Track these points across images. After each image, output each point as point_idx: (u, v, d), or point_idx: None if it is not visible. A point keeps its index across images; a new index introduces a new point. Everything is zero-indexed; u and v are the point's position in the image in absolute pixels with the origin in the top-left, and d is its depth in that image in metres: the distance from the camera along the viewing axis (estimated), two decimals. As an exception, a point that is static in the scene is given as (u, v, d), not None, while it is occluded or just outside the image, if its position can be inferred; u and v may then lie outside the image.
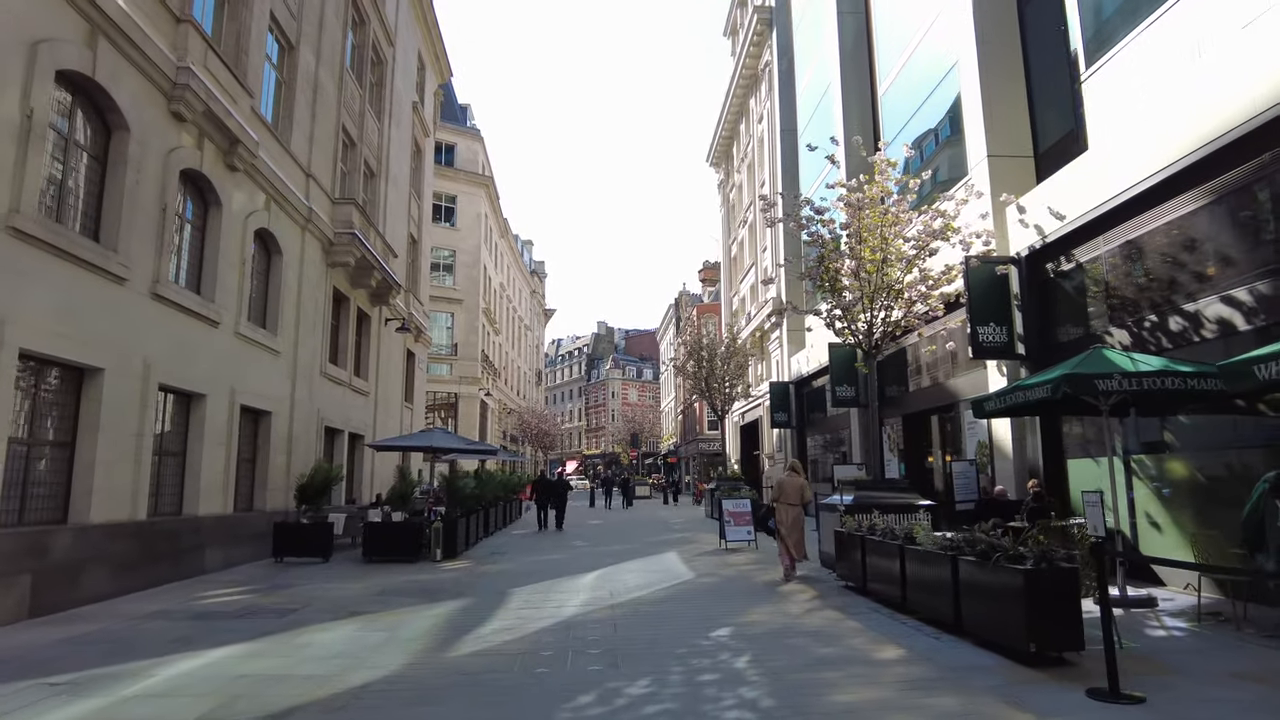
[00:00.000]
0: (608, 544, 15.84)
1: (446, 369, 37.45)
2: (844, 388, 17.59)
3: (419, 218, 26.91)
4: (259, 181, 13.12)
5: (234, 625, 7.38)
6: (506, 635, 6.88)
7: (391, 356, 22.53)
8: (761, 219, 29.34)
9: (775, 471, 25.92)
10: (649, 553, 13.85)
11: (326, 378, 16.74)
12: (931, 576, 6.82)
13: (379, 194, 21.19)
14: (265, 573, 11.47)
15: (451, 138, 39.95)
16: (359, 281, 18.50)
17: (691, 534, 17.92)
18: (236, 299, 12.41)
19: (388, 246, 20.21)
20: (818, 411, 23.25)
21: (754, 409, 29.95)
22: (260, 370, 13.41)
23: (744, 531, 13.87)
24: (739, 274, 34.65)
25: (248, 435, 13.47)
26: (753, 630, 6.88)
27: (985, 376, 12.28)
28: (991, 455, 12.18)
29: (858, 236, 11.41)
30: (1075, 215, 9.93)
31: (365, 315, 20.12)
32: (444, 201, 38.81)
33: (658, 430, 66.58)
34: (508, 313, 51.42)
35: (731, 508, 14.05)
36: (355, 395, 19.02)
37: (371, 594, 9.43)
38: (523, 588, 9.74)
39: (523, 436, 51.35)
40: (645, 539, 16.88)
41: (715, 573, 10.93)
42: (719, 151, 37.76)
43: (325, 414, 16.61)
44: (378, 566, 12.25)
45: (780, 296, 25.59)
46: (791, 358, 24.46)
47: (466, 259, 38.91)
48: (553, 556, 13.62)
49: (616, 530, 19.89)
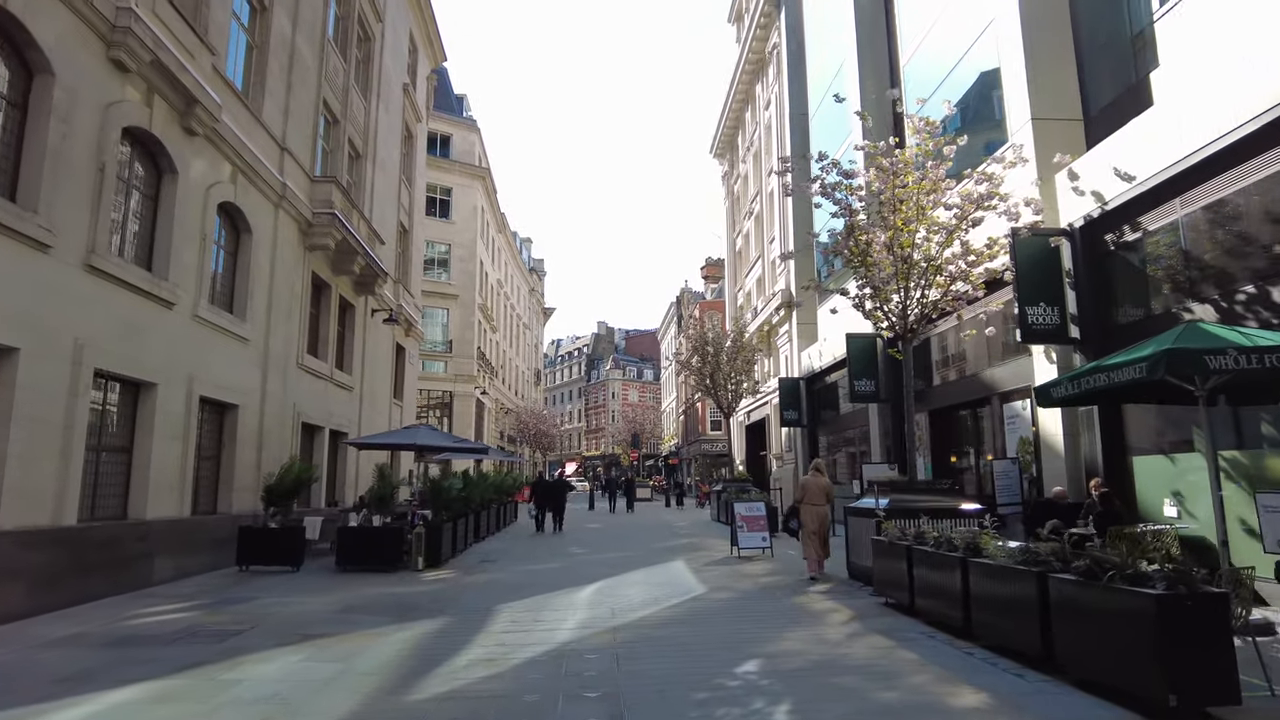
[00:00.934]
0: (608, 550, 14.56)
1: (441, 367, 36.19)
2: (863, 382, 16.30)
3: (410, 206, 25.66)
4: (223, 150, 11.85)
5: (156, 654, 6.09)
6: (484, 669, 5.60)
7: (379, 350, 21.26)
8: (765, 210, 28.11)
9: (784, 473, 24.63)
10: (653, 561, 12.56)
11: (304, 370, 15.47)
12: (1006, 596, 5.54)
13: (365, 177, 19.94)
14: (222, 584, 10.18)
15: (447, 128, 38.70)
16: (341, 267, 17.24)
17: (698, 539, 16.63)
18: (196, 278, 11.14)
19: (373, 232, 18.96)
20: (830, 409, 21.97)
21: (760, 407, 28.67)
22: (225, 358, 12.13)
23: (758, 538, 12.58)
24: (744, 268, 33.40)
25: (211, 430, 12.21)
26: (788, 664, 5.60)
27: (1030, 365, 11.00)
28: (1038, 453, 10.90)
29: (892, 204, 10.12)
30: (1146, 176, 8.66)
31: (349, 305, 18.86)
32: (439, 194, 37.58)
33: (658, 431, 65.29)
34: (505, 310, 50.16)
35: (744, 512, 12.76)
36: (337, 390, 17.74)
37: (335, 611, 8.15)
38: (510, 604, 8.45)
39: (520, 437, 50.06)
40: (648, 545, 15.60)
41: (730, 586, 9.64)
42: (723, 142, 36.51)
43: (302, 408, 15.33)
44: (352, 577, 10.97)
45: (789, 288, 24.35)
46: (802, 352, 23.18)
47: (462, 253, 37.66)
48: (547, 565, 12.33)
49: (617, 535, 18.61)
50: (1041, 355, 10.70)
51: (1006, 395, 12.05)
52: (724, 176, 37.41)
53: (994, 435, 12.96)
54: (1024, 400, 11.48)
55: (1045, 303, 9.96)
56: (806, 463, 22.82)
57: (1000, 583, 5.63)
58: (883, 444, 16.71)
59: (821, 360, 20.87)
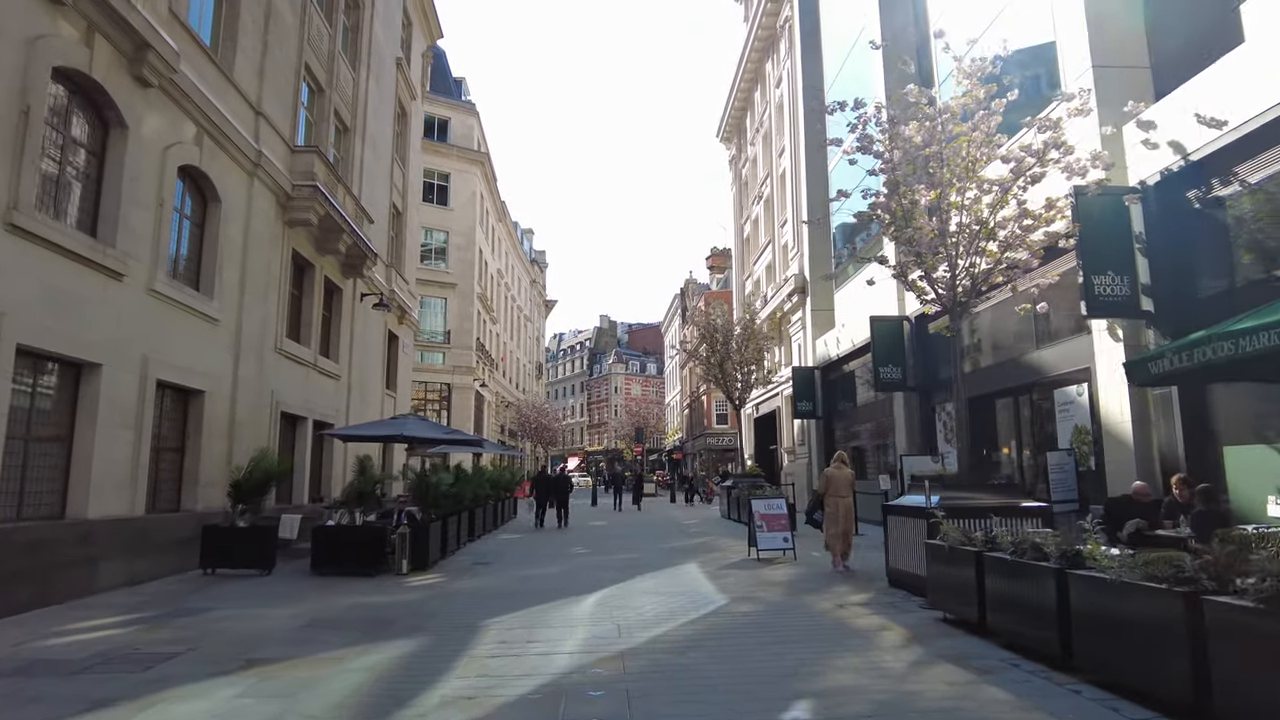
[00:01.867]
0: (612, 551, 13.37)
1: (439, 358, 35.01)
2: (890, 369, 15.07)
3: (404, 188, 24.43)
4: (185, 107, 10.63)
5: (53, 689, 4.90)
6: (460, 713, 4.40)
7: (369, 338, 20.06)
8: (776, 192, 26.85)
9: (797, 467, 23.43)
10: (663, 564, 11.36)
11: (283, 355, 14.27)
12: (1129, 622, 4.33)
13: (353, 152, 18.70)
14: (178, 592, 9.00)
15: (445, 112, 37.43)
16: (326, 246, 16.02)
17: (710, 538, 15.43)
18: (152, 248, 9.93)
19: (361, 210, 17.73)
20: (847, 400, 20.75)
21: (770, 399, 27.45)
22: (189, 339, 10.94)
23: (779, 539, 11.36)
24: (753, 255, 32.14)
25: (174, 419, 11.03)
26: (847, 708, 4.38)
27: (1087, 345, 9.76)
28: (1098, 443, 9.66)
29: (938, 159, 8.85)
30: (1241, 121, 7.41)
31: (336, 288, 17.65)
32: (436, 179, 36.31)
33: (662, 425, 64.07)
34: (506, 301, 48.95)
35: (763, 510, 11.55)
36: (322, 378, 16.55)
37: (297, 626, 6.96)
38: (501, 618, 7.25)
39: (521, 431, 48.91)
40: (656, 545, 14.40)
41: (755, 595, 8.42)
42: (730, 125, 35.20)
43: (282, 397, 14.14)
44: (327, 582, 9.79)
45: (802, 272, 23.11)
46: (816, 340, 21.94)
47: (460, 241, 36.43)
48: (546, 569, 11.13)
49: (622, 533, 17.41)
50: (1104, 332, 9.45)
51: (1057, 380, 10.81)
52: (731, 161, 36.12)
53: (1037, 425, 11.74)
54: (1079, 385, 10.24)
55: (1113, 271, 8.72)
56: (822, 457, 21.63)
57: (1118, 603, 4.41)
58: (911, 436, 15.48)
59: (839, 348, 19.63)
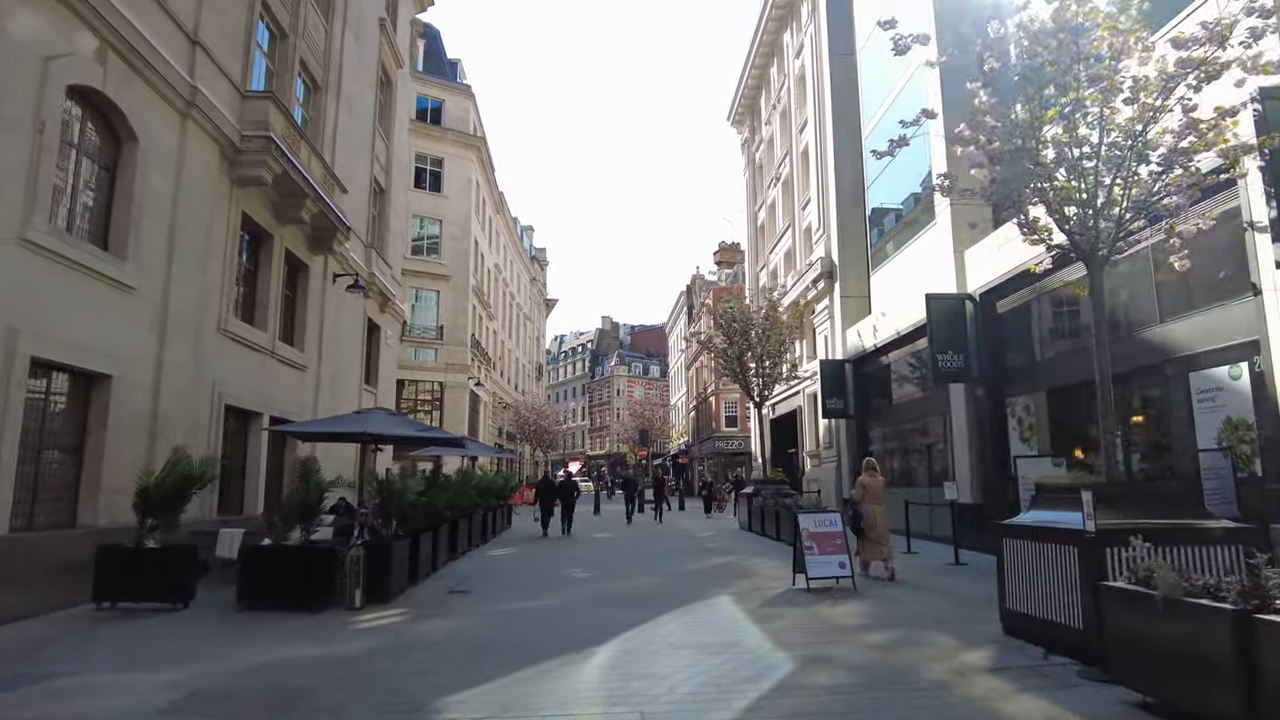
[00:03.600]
0: (622, 574, 11.02)
1: (431, 354, 32.72)
2: (950, 356, 12.72)
3: (388, 163, 22.16)
4: (78, 11, 8.35)
5: None
6: None
7: (345, 326, 17.76)
8: (798, 171, 24.53)
9: (823, 472, 21.06)
10: (689, 595, 9.00)
11: (230, 338, 11.99)
12: None
13: (324, 112, 16.42)
14: (39, 638, 6.67)
15: (439, 93, 35.23)
16: (287, 214, 13.73)
17: (736, 557, 13.08)
18: (25, 185, 7.62)
19: (332, 177, 15.45)
20: (882, 397, 18.40)
21: (790, 398, 25.08)
22: (89, 309, 8.64)
23: (834, 563, 9.01)
24: (769, 242, 29.83)
25: (69, 410, 8.72)
26: None
27: (1251, 312, 7.41)
28: (1270, 440, 7.30)
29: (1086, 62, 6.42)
30: None
31: (301, 265, 15.37)
32: (429, 165, 34.12)
33: (666, 429, 61.68)
34: (504, 298, 46.68)
35: (813, 527, 9.18)
36: (283, 368, 14.24)
37: (157, 711, 4.62)
38: (467, 693, 4.92)
39: (520, 434, 46.54)
40: (674, 565, 12.04)
41: (828, 654, 6.04)
42: (743, 106, 32.92)
43: (228, 388, 11.84)
44: (252, 622, 7.45)
45: (829, 255, 20.79)
46: (847, 330, 19.60)
47: (455, 230, 34.16)
48: (539, 601, 8.78)
49: (631, 549, 15.05)
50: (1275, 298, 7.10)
51: (1196, 359, 8.46)
52: (744, 144, 33.82)
53: (1160, 417, 9.38)
54: (1234, 365, 7.89)
55: (1314, 206, 6.38)
56: (853, 460, 19.25)
57: None
58: (973, 436, 13.10)
59: (875, 337, 17.28)
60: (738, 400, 45.45)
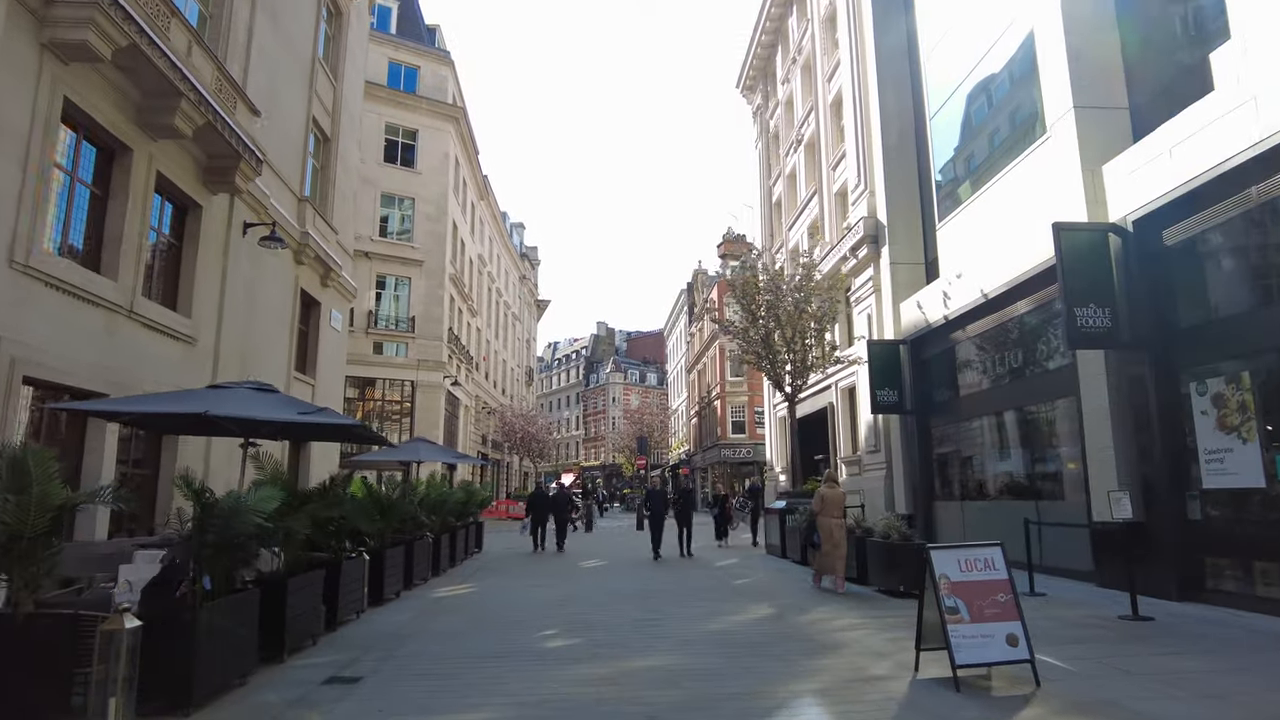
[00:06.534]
0: (622, 643, 7.02)
1: (401, 349, 28.77)
2: (1091, 311, 8.83)
3: (335, 108, 18.31)
4: None
5: None
6: None
7: (263, 294, 13.83)
8: (827, 124, 20.76)
9: (868, 482, 17.11)
10: (746, 702, 5.02)
11: (40, 279, 8.04)
12: None
13: (231, 12, 12.53)
14: None
15: (413, 59, 31.50)
16: (156, 121, 9.82)
17: (784, 602, 9.11)
18: None
19: (232, 85, 11.55)
20: (947, 387, 14.52)
21: (820, 394, 21.15)
22: None
23: (1000, 637, 5.09)
24: (788, 218, 26.02)
25: None
26: None
27: None
28: None
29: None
30: None
31: (192, 204, 11.48)
32: (401, 137, 30.33)
33: (665, 437, 57.60)
34: (490, 294, 42.77)
35: (957, 574, 5.25)
36: (152, 337, 10.29)
37: None
38: None
39: (507, 442, 42.47)
40: (701, 623, 8.04)
41: None
42: (755, 69, 29.20)
43: (32, 354, 7.90)
44: None
45: (874, 215, 16.96)
46: (899, 305, 15.73)
47: (429, 210, 30.31)
48: (473, 717, 4.79)
49: (633, 588, 11.02)
50: None
51: None
52: (756, 112, 30.07)
53: None
54: None
55: None
56: (912, 467, 15.34)
57: None
58: (1124, 427, 9.13)
59: (947, 306, 13.39)
60: (745, 404, 41.53)
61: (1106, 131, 9.80)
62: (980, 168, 12.92)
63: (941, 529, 14.31)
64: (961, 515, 13.61)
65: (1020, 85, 11.56)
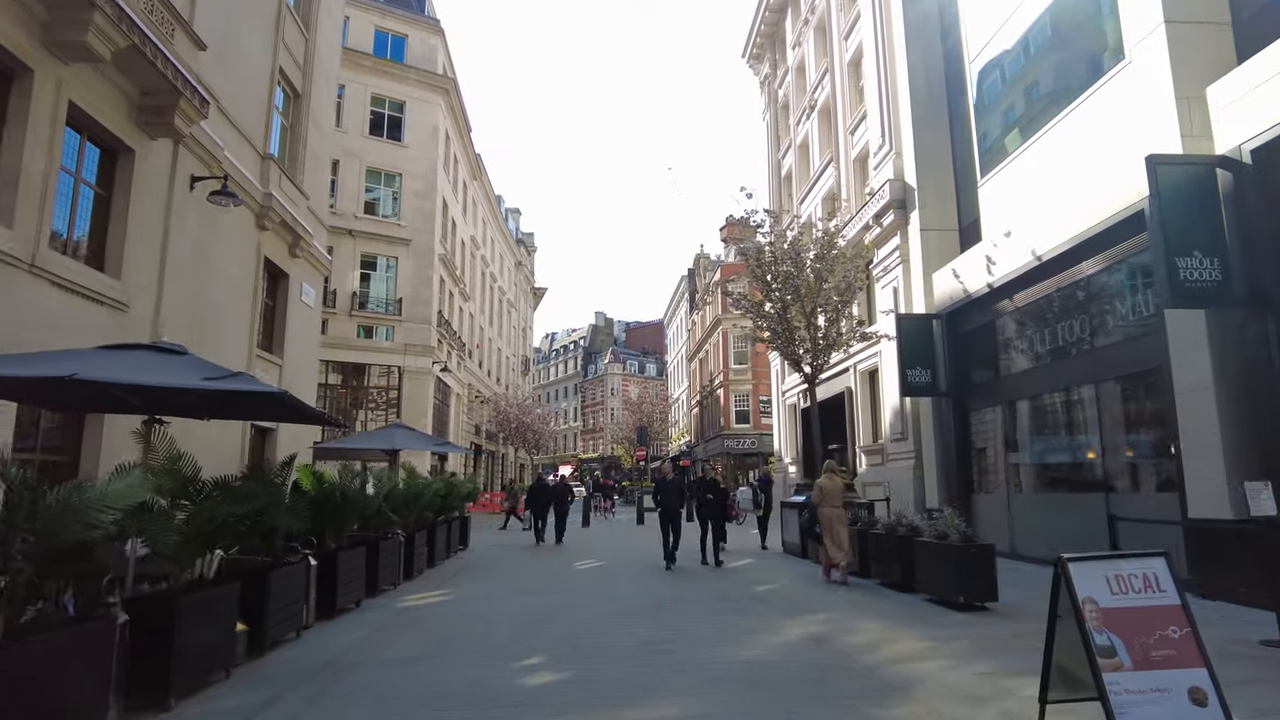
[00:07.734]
0: (624, 681, 5.42)
1: (386, 333, 27.15)
2: (1198, 261, 7.24)
3: (307, 60, 16.64)
4: None
5: None
6: None
7: (215, 259, 12.19)
8: (844, 85, 19.10)
9: (891, 474, 15.55)
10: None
11: (-107, 218, 6.40)
12: None
13: (173, -72, 10.83)
14: None
15: (401, 27, 29.78)
16: (63, 36, 8.18)
17: (823, 619, 7.53)
18: None
19: (173, 14, 9.89)
20: (986, 366, 12.94)
21: (838, 376, 19.55)
22: None
23: (1180, 693, 3.52)
24: (800, 190, 24.38)
25: None
26: None
27: None
28: None
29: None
30: None
31: (123, 148, 9.84)
32: (387, 109, 28.66)
33: (665, 428, 55.99)
34: (483, 279, 41.12)
35: (1108, 598, 3.68)
36: (66, 299, 8.66)
37: None
38: None
39: (502, 433, 40.88)
40: (725, 648, 6.45)
41: None
42: (763, 35, 27.49)
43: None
44: None
45: (901, 178, 15.33)
46: (933, 275, 14.13)
47: (418, 186, 28.63)
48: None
49: (634, 595, 9.44)
50: None
51: None
52: (764, 82, 28.34)
53: None
54: None
55: None
56: (948, 456, 13.77)
57: None
58: (1235, 405, 7.54)
59: (992, 272, 11.78)
60: (750, 393, 39.95)
61: (1205, 51, 8.18)
62: (1033, 112, 11.28)
63: (982, 525, 12.72)
64: (1008, 510, 12.03)
65: (1087, 6, 9.92)
